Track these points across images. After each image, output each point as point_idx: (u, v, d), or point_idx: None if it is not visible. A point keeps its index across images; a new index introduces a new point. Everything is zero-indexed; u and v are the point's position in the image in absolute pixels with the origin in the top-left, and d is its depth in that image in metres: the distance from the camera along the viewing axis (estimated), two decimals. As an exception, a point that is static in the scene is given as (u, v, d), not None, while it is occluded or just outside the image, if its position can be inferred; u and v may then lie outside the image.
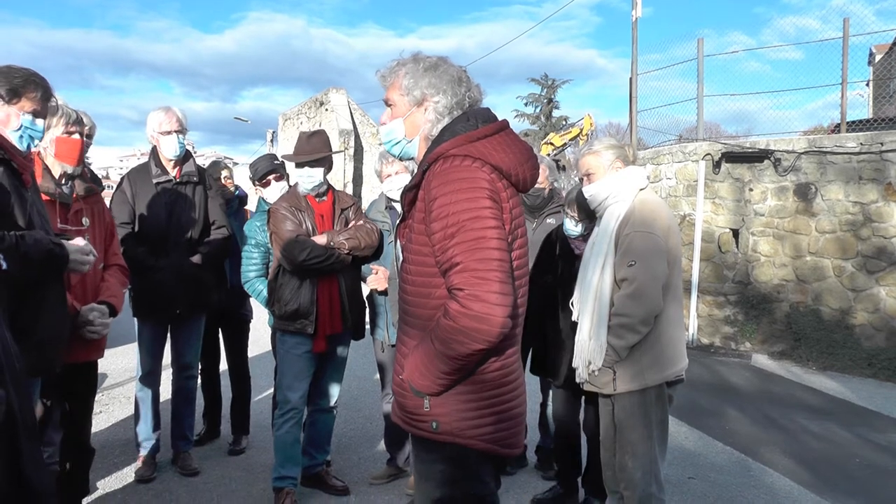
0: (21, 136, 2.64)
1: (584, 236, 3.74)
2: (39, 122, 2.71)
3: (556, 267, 3.96)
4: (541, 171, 4.43)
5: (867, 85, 12.31)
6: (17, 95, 2.62)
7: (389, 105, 2.25)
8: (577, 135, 23.90)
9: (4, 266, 2.08)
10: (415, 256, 2.08)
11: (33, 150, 2.81)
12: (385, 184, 4.26)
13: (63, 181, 3.27)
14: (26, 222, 2.54)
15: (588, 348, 3.13)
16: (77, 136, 3.28)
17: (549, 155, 21.79)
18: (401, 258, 2.21)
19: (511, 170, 2.07)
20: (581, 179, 3.37)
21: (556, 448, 4.19)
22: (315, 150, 3.96)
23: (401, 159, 2.34)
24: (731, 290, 9.82)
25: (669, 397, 3.22)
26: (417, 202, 2.09)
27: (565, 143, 24.50)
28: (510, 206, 2.04)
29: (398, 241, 2.23)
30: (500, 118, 2.20)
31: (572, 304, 3.39)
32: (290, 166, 4.36)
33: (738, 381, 7.87)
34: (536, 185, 4.38)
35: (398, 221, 2.23)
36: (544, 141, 25.94)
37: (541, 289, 4.11)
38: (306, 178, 3.94)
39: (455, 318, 1.90)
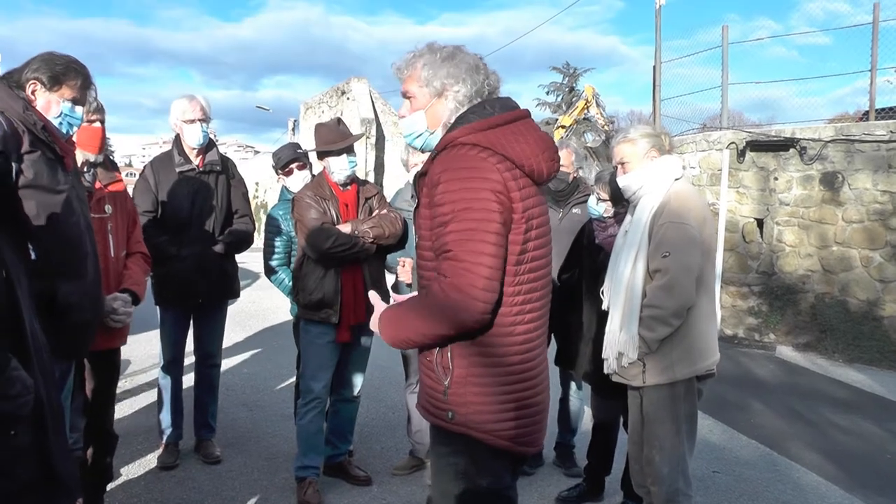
0: (60, 123, 2.65)
1: (605, 221, 3.69)
2: (78, 109, 2.72)
3: (581, 259, 3.91)
4: (566, 154, 4.39)
5: (896, 72, 12.07)
6: (58, 83, 2.63)
7: (408, 97, 2.22)
8: (584, 106, 23.71)
9: (34, 256, 2.07)
10: (425, 242, 2.08)
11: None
12: (412, 173, 4.23)
13: (85, 169, 3.26)
14: (65, 207, 2.53)
15: (619, 340, 3.08)
16: (98, 123, 3.28)
17: (562, 138, 21.62)
18: (416, 244, 2.20)
19: (524, 161, 2.02)
20: (616, 167, 3.30)
21: (591, 445, 4.13)
22: (346, 135, 3.96)
23: (423, 151, 2.32)
24: (755, 280, 9.71)
25: (699, 391, 3.17)
26: (424, 188, 2.07)
27: (576, 120, 24.31)
28: (522, 197, 1.99)
29: (415, 228, 2.21)
30: (521, 107, 2.16)
31: (602, 292, 3.34)
32: (313, 155, 4.32)
33: (763, 373, 7.78)
34: (561, 169, 4.33)
35: (415, 207, 2.21)
36: (556, 125, 25.72)
37: (565, 282, 4.07)
38: (347, 164, 3.90)
39: (434, 299, 1.96)
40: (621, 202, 3.48)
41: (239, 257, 4.66)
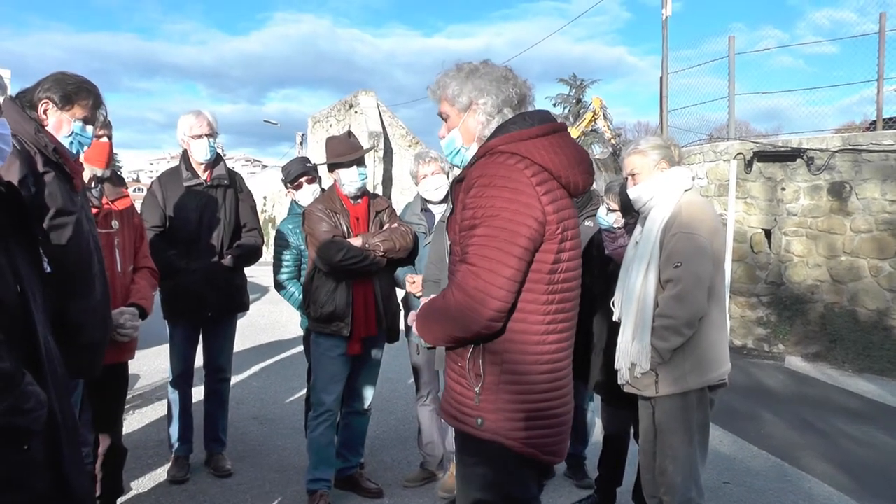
0: (71, 142, 2.69)
1: (614, 231, 3.69)
2: (89, 128, 2.76)
3: (591, 270, 3.90)
4: None
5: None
6: (69, 102, 2.67)
7: (444, 118, 2.27)
8: (592, 118, 23.64)
9: (48, 270, 2.09)
10: (455, 246, 2.12)
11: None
12: (421, 185, 4.25)
13: (92, 184, 3.29)
14: (76, 228, 2.56)
15: (631, 350, 3.09)
16: (105, 139, 3.30)
17: None
18: (449, 250, 2.22)
19: (560, 172, 2.06)
20: (626, 178, 3.31)
21: (602, 456, 4.12)
22: (357, 147, 3.98)
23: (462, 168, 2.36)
24: (763, 290, 9.68)
25: (711, 401, 3.17)
26: (460, 193, 2.10)
27: (583, 132, 24.23)
28: (556, 209, 2.02)
29: (448, 233, 2.24)
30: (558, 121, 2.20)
31: (613, 303, 3.35)
32: (323, 170, 4.35)
33: (773, 383, 7.75)
34: None
35: (448, 214, 2.23)
36: None
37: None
38: (357, 176, 3.92)
39: (447, 301, 2.01)
40: (631, 213, 3.49)
41: (248, 271, 4.68)
